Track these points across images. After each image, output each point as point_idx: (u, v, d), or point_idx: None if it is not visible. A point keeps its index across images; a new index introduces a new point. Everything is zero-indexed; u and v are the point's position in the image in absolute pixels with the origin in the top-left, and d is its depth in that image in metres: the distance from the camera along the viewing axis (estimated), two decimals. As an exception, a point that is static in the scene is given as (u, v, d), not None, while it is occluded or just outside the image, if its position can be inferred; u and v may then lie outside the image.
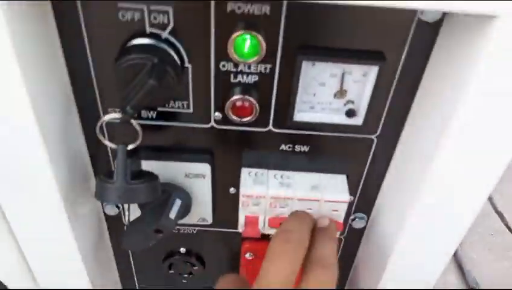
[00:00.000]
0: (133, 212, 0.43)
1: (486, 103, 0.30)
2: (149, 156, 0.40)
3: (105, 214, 0.47)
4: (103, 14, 0.32)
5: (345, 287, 0.56)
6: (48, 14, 0.32)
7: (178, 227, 0.49)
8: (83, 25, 0.33)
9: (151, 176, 0.37)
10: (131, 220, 0.41)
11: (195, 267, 0.53)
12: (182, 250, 0.52)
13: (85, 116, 0.39)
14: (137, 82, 0.32)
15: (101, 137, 0.36)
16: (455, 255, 0.88)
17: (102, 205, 0.46)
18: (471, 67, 0.29)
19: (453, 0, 0.25)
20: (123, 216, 0.47)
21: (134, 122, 0.35)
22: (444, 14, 0.31)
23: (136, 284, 0.56)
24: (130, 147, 0.35)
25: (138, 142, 0.36)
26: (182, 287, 0.56)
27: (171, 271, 0.54)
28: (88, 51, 0.34)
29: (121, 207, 0.46)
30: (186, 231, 0.49)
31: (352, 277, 0.55)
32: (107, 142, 0.36)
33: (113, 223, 0.49)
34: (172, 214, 0.40)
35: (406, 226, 0.40)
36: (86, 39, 0.33)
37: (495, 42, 0.27)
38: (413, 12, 0.32)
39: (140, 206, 0.43)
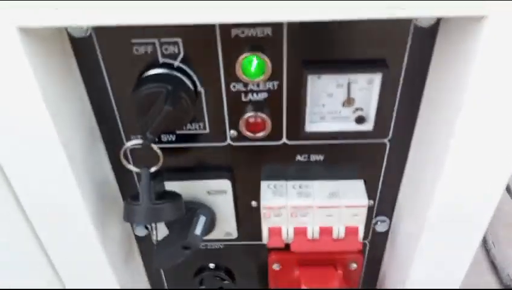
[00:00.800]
0: (161, 231, 0.45)
1: (487, 97, 0.31)
2: (172, 177, 0.42)
3: (135, 235, 0.49)
4: (119, 50, 0.35)
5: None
6: (68, 53, 0.35)
7: (206, 243, 0.51)
8: (101, 61, 0.35)
9: (174, 195, 0.39)
10: (159, 239, 0.43)
11: (225, 282, 0.54)
12: (211, 265, 0.53)
13: (109, 144, 0.41)
14: (155, 109, 0.34)
15: (125, 162, 0.38)
16: (489, 254, 0.85)
17: (132, 227, 0.49)
18: (468, 65, 0.30)
19: (444, 1, 0.27)
20: (152, 236, 0.49)
21: (154, 146, 0.37)
22: (439, 18, 0.33)
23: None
24: (153, 169, 0.38)
25: (160, 165, 0.38)
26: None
27: (202, 286, 0.55)
28: (107, 84, 0.37)
29: (150, 228, 0.48)
30: (213, 247, 0.51)
31: (381, 281, 0.55)
32: (131, 167, 0.39)
33: (144, 243, 0.51)
34: (198, 230, 0.42)
35: (426, 225, 0.40)
36: (104, 73, 0.36)
37: (487, 40, 0.28)
38: (408, 19, 0.33)
39: (168, 225, 0.45)
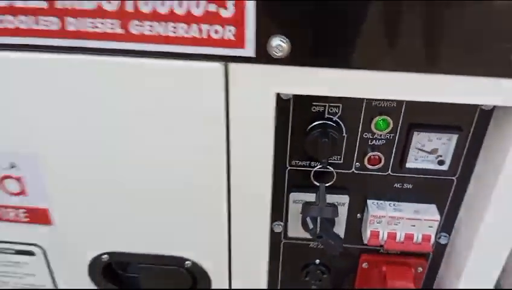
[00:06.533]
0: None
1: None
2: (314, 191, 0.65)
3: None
4: (303, 109, 0.59)
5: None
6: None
7: (317, 243, 0.72)
8: (290, 116, 0.60)
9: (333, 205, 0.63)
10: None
11: (324, 275, 0.75)
12: (317, 261, 0.74)
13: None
14: (318, 142, 0.58)
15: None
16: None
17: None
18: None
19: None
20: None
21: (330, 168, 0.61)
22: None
23: (279, 284, 0.77)
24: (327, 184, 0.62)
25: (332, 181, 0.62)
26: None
27: (307, 278, 0.75)
28: (289, 131, 0.61)
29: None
30: (321, 246, 0.72)
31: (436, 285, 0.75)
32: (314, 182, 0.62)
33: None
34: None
35: (475, 244, 0.62)
36: (289, 124, 0.60)
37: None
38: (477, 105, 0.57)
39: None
